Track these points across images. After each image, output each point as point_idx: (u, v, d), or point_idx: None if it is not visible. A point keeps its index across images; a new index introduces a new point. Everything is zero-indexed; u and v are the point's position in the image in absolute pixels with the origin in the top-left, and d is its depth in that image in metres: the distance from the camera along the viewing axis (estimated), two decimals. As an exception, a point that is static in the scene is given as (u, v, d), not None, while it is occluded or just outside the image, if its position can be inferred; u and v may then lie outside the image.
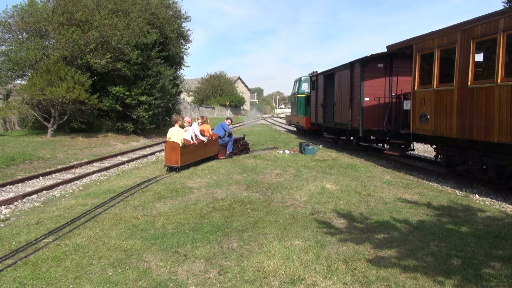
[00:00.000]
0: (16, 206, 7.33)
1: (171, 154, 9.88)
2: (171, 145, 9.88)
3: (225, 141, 12.63)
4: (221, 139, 12.48)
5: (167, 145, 9.96)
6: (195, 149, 10.90)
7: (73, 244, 4.76)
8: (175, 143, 9.80)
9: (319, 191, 7.59)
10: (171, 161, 9.92)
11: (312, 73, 19.84)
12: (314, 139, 20.07)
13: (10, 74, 20.09)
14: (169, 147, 9.93)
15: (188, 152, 10.37)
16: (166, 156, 10.04)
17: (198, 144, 11.03)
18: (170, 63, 26.19)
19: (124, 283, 3.73)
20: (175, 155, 9.82)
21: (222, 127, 12.79)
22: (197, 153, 11.08)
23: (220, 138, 12.43)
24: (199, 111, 55.96)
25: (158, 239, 4.90)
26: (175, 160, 9.84)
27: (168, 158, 9.96)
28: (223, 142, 12.53)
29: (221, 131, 12.70)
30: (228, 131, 12.82)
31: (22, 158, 12.57)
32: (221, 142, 12.47)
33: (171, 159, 9.90)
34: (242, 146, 13.83)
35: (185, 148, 10.18)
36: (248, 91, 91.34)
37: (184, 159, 10.09)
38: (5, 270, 4.03)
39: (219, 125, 12.95)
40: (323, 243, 4.77)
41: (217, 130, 12.72)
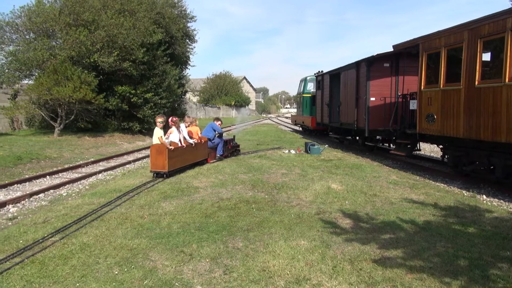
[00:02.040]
0: (24, 205, 7.39)
1: (157, 158, 8.96)
2: (157, 148, 8.98)
3: (215, 144, 11.83)
4: (211, 141, 11.68)
5: (153, 148, 9.05)
6: (184, 152, 9.93)
7: (79, 243, 4.79)
8: (161, 146, 8.92)
9: (324, 191, 7.57)
10: (157, 166, 9.00)
11: (318, 72, 19.80)
12: (320, 139, 20.03)
13: (18, 74, 20.25)
14: (154, 150, 9.01)
15: (177, 156, 9.42)
16: (151, 161, 9.07)
17: (187, 147, 10.08)
18: (176, 63, 26.28)
19: (130, 282, 3.75)
20: (161, 159, 8.90)
21: (212, 128, 11.94)
22: (186, 157, 10.09)
23: (209, 141, 11.60)
24: (205, 111, 56.06)
25: (163, 239, 4.92)
26: (162, 165, 8.92)
27: (154, 162, 9.02)
28: (212, 145, 11.73)
29: (211, 132, 11.85)
30: (220, 131, 12.08)
31: (29, 158, 12.67)
32: (211, 144, 11.65)
33: (158, 164, 8.97)
34: (233, 148, 13.07)
35: (173, 151, 9.23)
36: (253, 90, 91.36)
37: (172, 164, 9.17)
38: (13, 268, 4.06)
39: (208, 127, 12.05)
40: (329, 243, 4.75)
41: (206, 132, 11.82)
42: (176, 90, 25.52)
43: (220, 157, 11.83)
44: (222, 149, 11.99)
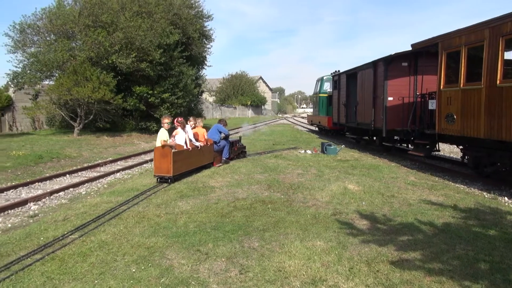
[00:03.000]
0: (44, 202, 7.56)
1: (161, 161, 8.37)
2: (161, 150, 8.39)
3: (221, 146, 11.19)
4: (217, 144, 11.01)
5: (156, 151, 8.45)
6: (190, 155, 9.34)
7: (98, 240, 4.87)
8: (166, 149, 8.33)
9: (341, 191, 7.51)
10: (161, 170, 8.39)
11: (334, 72, 19.66)
12: (336, 139, 19.88)
13: (39, 75, 20.73)
14: (158, 153, 8.41)
15: (182, 159, 8.84)
16: (155, 164, 8.48)
17: (192, 150, 9.50)
18: (192, 63, 26.49)
19: (147, 280, 3.79)
20: (166, 163, 8.31)
21: (217, 130, 11.30)
22: (192, 160, 9.48)
23: (215, 144, 10.94)
24: (221, 111, 56.31)
25: (180, 237, 4.96)
26: (166, 169, 8.32)
27: (158, 166, 8.42)
28: (218, 148, 11.08)
29: (216, 135, 11.18)
30: (226, 133, 11.46)
31: (50, 156, 12.96)
32: (216, 148, 10.98)
33: (162, 168, 8.38)
34: (239, 149, 12.46)
35: (178, 154, 8.63)
36: (269, 90, 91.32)
37: (177, 168, 8.56)
38: (34, 265, 4.16)
39: (214, 129, 11.37)
40: (345, 244, 4.71)
41: (212, 134, 11.13)
42: (193, 90, 25.72)
43: (226, 160, 11.25)
44: (228, 151, 11.44)
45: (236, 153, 12.11)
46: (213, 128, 11.41)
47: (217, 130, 11.28)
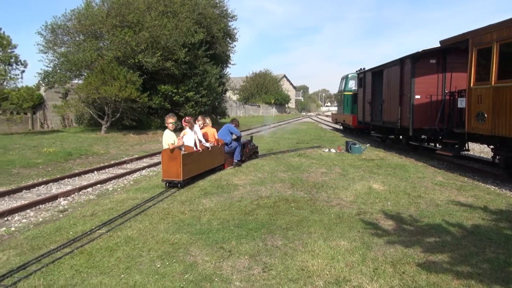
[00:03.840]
0: (73, 198, 7.78)
1: (169, 165, 7.74)
2: (169, 153, 7.73)
3: (232, 148, 10.46)
4: (228, 145, 10.29)
5: (164, 154, 7.80)
6: (200, 157, 8.69)
7: (124, 236, 4.98)
8: (175, 151, 7.72)
9: (365, 191, 7.40)
10: (170, 174, 7.76)
11: (360, 70, 19.38)
12: (361, 138, 19.60)
13: (68, 74, 21.38)
14: (166, 156, 7.75)
15: (192, 161, 8.23)
16: (163, 168, 7.85)
17: (203, 152, 8.81)
18: (217, 62, 26.68)
19: (171, 275, 3.85)
20: (175, 166, 7.68)
21: (228, 131, 10.60)
22: (202, 163, 8.84)
23: (226, 145, 10.24)
24: (244, 109, 56.48)
25: (204, 234, 5.00)
26: (175, 173, 7.68)
27: (166, 170, 7.79)
28: (229, 150, 10.35)
29: (227, 135, 10.47)
30: (238, 134, 10.79)
31: (79, 153, 13.34)
32: (227, 149, 10.27)
33: (170, 172, 7.74)
34: (251, 151, 11.75)
35: (188, 156, 8.01)
36: (293, 88, 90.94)
37: (187, 171, 7.93)
38: (63, 258, 4.29)
39: (224, 129, 10.64)
40: (370, 244, 4.64)
41: (222, 135, 10.38)
42: (217, 88, 25.91)
43: (238, 163, 10.52)
44: (240, 153, 10.74)
45: (247, 154, 11.45)
46: (223, 129, 10.71)
47: (228, 131, 10.61)
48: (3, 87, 19.12)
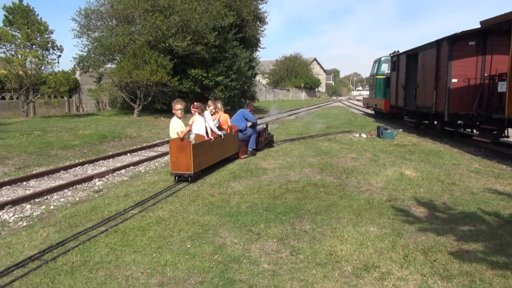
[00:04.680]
0: (108, 179, 8.05)
1: (178, 156, 6.96)
2: (177, 143, 6.99)
3: (247, 135, 9.69)
4: (242, 133, 9.52)
5: (172, 144, 7.05)
6: (212, 147, 7.92)
7: (156, 216, 5.13)
8: (184, 140, 6.99)
9: (397, 177, 7.24)
10: (179, 167, 6.98)
11: (393, 53, 18.76)
12: (393, 123, 19.10)
13: (102, 58, 21.88)
14: (175, 146, 7.01)
15: (204, 152, 7.45)
16: (171, 160, 7.07)
17: (215, 141, 8.00)
18: (246, 45, 26.54)
19: (201, 255, 3.94)
20: (185, 158, 6.92)
21: (242, 116, 9.80)
22: (215, 152, 8.07)
23: (240, 132, 9.48)
24: (274, 93, 56.18)
25: (232, 217, 5.07)
26: (185, 166, 6.93)
27: (175, 162, 7.01)
28: (244, 137, 9.58)
29: (242, 122, 9.69)
30: (253, 121, 9.92)
31: (112, 136, 13.74)
32: (242, 136, 9.49)
33: (180, 164, 6.97)
34: (266, 139, 10.90)
35: (199, 146, 7.25)
36: (324, 72, 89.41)
37: (198, 163, 7.16)
38: (99, 236, 4.48)
39: (239, 115, 9.87)
40: (400, 231, 4.56)
41: (236, 122, 9.61)
42: (246, 72, 25.84)
43: (253, 152, 9.80)
44: (255, 142, 9.96)
45: (263, 143, 10.62)
46: (238, 114, 9.93)
47: (242, 116, 9.82)
48: (41, 71, 19.83)
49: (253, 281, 3.43)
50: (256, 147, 10.00)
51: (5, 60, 18.36)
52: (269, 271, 3.62)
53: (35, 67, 19.26)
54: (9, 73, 18.52)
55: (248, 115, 9.85)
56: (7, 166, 8.97)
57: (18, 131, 13.83)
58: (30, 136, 12.81)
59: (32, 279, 3.50)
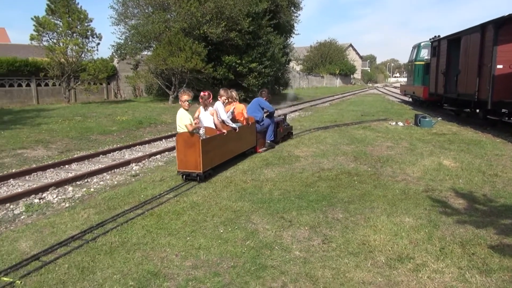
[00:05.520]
0: (144, 164, 8.29)
1: (186, 153, 6.20)
2: (185, 138, 6.21)
3: (264, 126, 8.90)
4: (259, 124, 8.76)
5: (179, 139, 6.29)
6: (225, 141, 7.12)
7: (190, 201, 5.24)
8: (194, 136, 6.17)
9: (435, 167, 7.02)
10: (187, 165, 6.21)
11: (434, 38, 17.98)
12: (432, 111, 18.43)
13: (139, 46, 22.32)
14: (182, 141, 6.25)
15: (215, 147, 6.66)
16: (178, 157, 6.31)
17: (228, 134, 7.19)
18: (280, 32, 26.24)
19: (233, 241, 4.00)
20: (193, 155, 6.13)
21: (258, 106, 8.98)
22: (228, 148, 7.26)
23: (257, 123, 8.68)
24: (308, 80, 55.48)
25: (265, 204, 5.10)
26: (194, 163, 6.14)
27: (182, 159, 6.25)
28: (261, 128, 8.79)
29: (258, 112, 8.89)
30: (271, 110, 9.12)
31: (148, 122, 14.08)
32: (259, 128, 8.72)
33: (188, 162, 6.19)
34: (285, 130, 10.10)
35: (210, 141, 6.49)
36: (359, 58, 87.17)
37: (209, 160, 6.36)
38: (136, 218, 4.64)
39: (254, 104, 9.05)
40: (437, 223, 4.43)
41: (252, 112, 8.79)
42: (280, 59, 25.60)
43: (271, 144, 9.07)
44: (273, 132, 9.19)
45: (281, 135, 9.86)
46: (253, 103, 9.11)
47: (258, 106, 8.98)
48: (82, 59, 20.50)
49: (285, 268, 3.45)
50: (274, 138, 9.26)
51: (48, 48, 19.09)
52: (301, 258, 3.63)
53: (76, 55, 19.93)
54: (52, 60, 19.27)
55: (264, 103, 9.05)
56: (51, 150, 9.41)
57: (61, 116, 14.46)
58: (71, 121, 13.36)
59: (74, 257, 3.68)
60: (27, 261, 3.58)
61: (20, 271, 3.43)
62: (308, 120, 15.12)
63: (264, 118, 9.00)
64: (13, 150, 9.01)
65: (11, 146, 9.27)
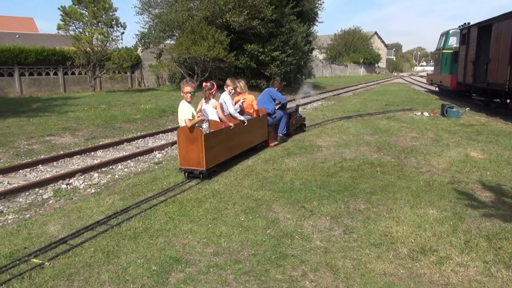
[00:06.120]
0: (167, 152, 8.41)
1: (188, 149, 5.76)
2: (187, 133, 5.74)
3: (276, 119, 8.33)
4: (271, 116, 8.16)
5: (181, 133, 5.84)
6: (232, 136, 6.53)
7: (211, 189, 5.29)
8: (195, 130, 5.71)
9: (461, 158, 6.83)
10: (189, 162, 5.78)
11: (463, 25, 17.37)
12: (460, 101, 17.90)
13: (162, 34, 22.49)
14: (184, 136, 5.80)
15: (220, 143, 6.15)
16: (180, 153, 5.88)
17: (236, 128, 6.60)
18: (303, 20, 25.85)
19: (254, 229, 4.03)
20: (195, 151, 5.70)
21: (270, 97, 8.36)
22: (235, 143, 6.69)
23: (269, 116, 8.10)
24: (331, 69, 54.73)
25: (286, 193, 5.10)
26: (196, 160, 5.71)
27: (184, 156, 5.82)
28: (273, 121, 8.21)
29: (269, 103, 8.28)
30: (283, 101, 8.56)
31: (171, 111, 14.22)
32: (270, 121, 8.12)
33: (190, 158, 5.77)
34: (297, 122, 9.49)
35: (214, 137, 6.04)
36: (384, 47, 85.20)
37: (213, 157, 5.90)
38: (159, 205, 4.73)
39: (265, 95, 8.43)
40: (462, 215, 4.33)
41: (263, 103, 8.20)
42: (303, 47, 25.29)
43: (284, 137, 8.54)
44: (286, 125, 8.64)
45: (294, 127, 9.27)
46: (263, 95, 8.50)
47: (269, 97, 8.37)
48: (106, 48, 20.84)
49: (305, 257, 3.46)
50: (287, 131, 8.74)
51: (74, 38, 19.48)
52: (321, 248, 3.63)
53: (101, 44, 20.27)
54: (78, 50, 19.67)
55: (276, 94, 8.40)
56: (77, 137, 9.67)
57: (86, 104, 14.80)
58: (97, 109, 13.65)
59: (100, 241, 3.79)
60: (56, 244, 3.71)
61: (49, 254, 3.56)
62: (330, 109, 14.96)
63: (275, 110, 8.45)
64: (41, 137, 9.30)
65: (40, 133, 9.56)
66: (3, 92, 18.92)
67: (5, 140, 8.75)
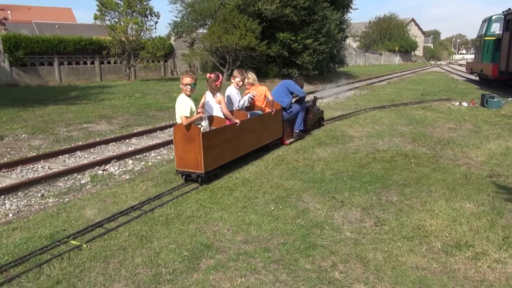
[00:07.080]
0: (198, 140, 8.52)
1: (185, 149, 5.10)
2: (183, 131, 5.06)
3: (292, 114, 7.55)
4: (286, 111, 7.38)
5: (177, 132, 5.16)
6: (237, 134, 5.75)
7: (242, 177, 5.34)
8: (193, 128, 5.00)
9: (502, 151, 6.54)
10: (186, 164, 5.13)
11: (507, 10, 16.43)
12: (502, 91, 17.04)
13: (194, 23, 22.67)
14: (180, 134, 5.12)
15: (222, 142, 5.42)
16: (176, 153, 5.23)
17: (243, 125, 5.86)
18: (337, 7, 25.28)
19: (284, 218, 4.04)
20: (192, 152, 5.03)
21: (286, 90, 7.57)
22: (242, 141, 5.91)
23: (284, 111, 7.29)
24: (365, 57, 53.46)
25: (316, 183, 5.07)
26: (193, 162, 5.04)
27: (181, 156, 5.17)
28: (288, 116, 7.43)
29: (285, 97, 7.48)
30: (301, 95, 7.74)
31: (203, 99, 14.38)
32: (286, 116, 7.34)
33: (187, 159, 5.11)
34: (315, 117, 8.67)
35: (214, 136, 5.30)
36: (422, 34, 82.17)
37: (213, 158, 5.20)
38: (190, 192, 4.82)
39: (281, 87, 7.67)
40: (501, 210, 4.16)
41: (279, 96, 7.38)
42: (336, 35, 24.76)
43: (300, 134, 7.76)
44: (303, 121, 7.84)
45: (311, 122, 8.46)
46: (280, 86, 7.78)
47: (286, 90, 7.60)
48: (141, 37, 21.24)
49: (335, 248, 3.43)
50: (304, 127, 7.94)
51: (110, 27, 19.97)
52: (352, 240, 3.59)
53: (136, 33, 20.69)
54: (113, 39, 20.17)
55: (293, 86, 7.62)
56: (113, 125, 9.96)
57: (121, 93, 15.20)
58: (131, 98, 13.99)
59: (133, 226, 3.92)
60: (92, 228, 3.87)
61: (86, 236, 3.72)
62: (363, 99, 14.64)
63: (292, 104, 7.63)
64: (79, 124, 9.65)
65: (78, 121, 9.93)
66: (43, 80, 19.75)
67: (46, 127, 9.15)
